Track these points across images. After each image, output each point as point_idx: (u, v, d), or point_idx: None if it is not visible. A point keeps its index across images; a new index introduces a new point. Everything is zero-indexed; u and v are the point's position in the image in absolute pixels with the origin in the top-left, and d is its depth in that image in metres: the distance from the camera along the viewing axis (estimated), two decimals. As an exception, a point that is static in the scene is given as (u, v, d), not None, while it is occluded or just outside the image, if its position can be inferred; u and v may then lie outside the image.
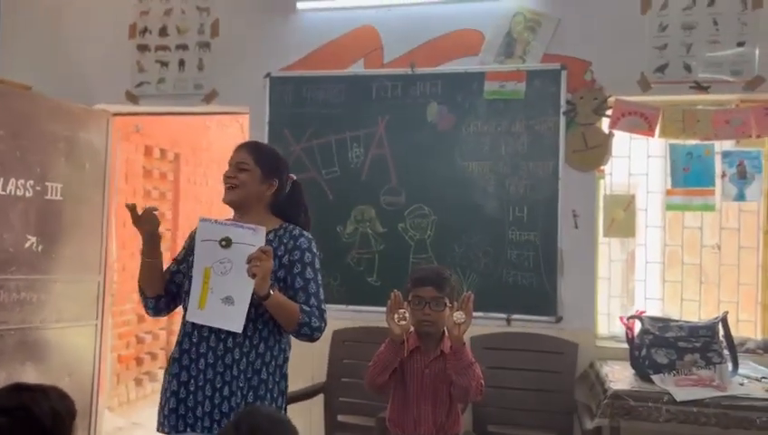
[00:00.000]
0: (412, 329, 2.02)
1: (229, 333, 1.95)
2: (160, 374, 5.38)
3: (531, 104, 3.24)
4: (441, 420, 2.05)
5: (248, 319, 1.95)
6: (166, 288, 2.09)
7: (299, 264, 2.02)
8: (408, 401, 2.06)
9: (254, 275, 1.85)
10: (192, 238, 2.10)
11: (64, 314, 3.55)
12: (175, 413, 1.97)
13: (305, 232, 2.09)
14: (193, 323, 1.99)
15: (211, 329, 1.97)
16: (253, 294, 1.89)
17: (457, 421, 2.09)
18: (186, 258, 2.11)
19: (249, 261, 1.86)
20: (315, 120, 3.49)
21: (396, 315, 1.94)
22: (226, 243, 1.94)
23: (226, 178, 2.05)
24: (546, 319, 3.19)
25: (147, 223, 1.99)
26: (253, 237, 1.93)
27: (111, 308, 4.34)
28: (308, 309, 1.96)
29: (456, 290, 2.11)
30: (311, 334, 1.97)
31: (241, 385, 1.95)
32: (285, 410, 2.08)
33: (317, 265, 2.06)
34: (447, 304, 2.04)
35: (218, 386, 1.95)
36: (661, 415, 2.46)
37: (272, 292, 1.89)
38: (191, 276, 2.01)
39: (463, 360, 1.94)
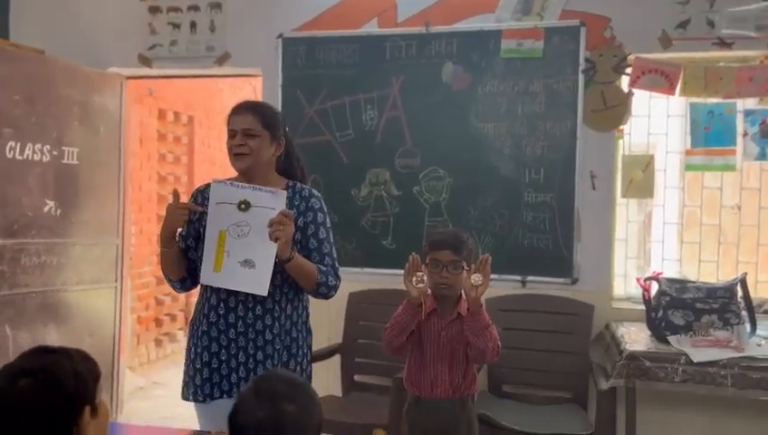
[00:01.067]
0: (429, 291, 2.02)
1: (256, 300, 1.96)
2: (180, 335, 5.50)
3: (549, 63, 3.17)
4: (457, 380, 2.06)
5: (274, 285, 1.96)
6: (187, 268, 2.08)
7: (312, 225, 2.04)
8: (425, 362, 2.07)
9: (276, 239, 1.85)
10: (194, 201, 2.07)
11: (84, 277, 3.61)
12: (209, 382, 2.00)
13: (314, 191, 2.10)
14: (218, 294, 1.99)
15: (238, 299, 1.97)
16: (275, 258, 1.89)
17: (473, 382, 2.11)
18: (189, 231, 2.07)
19: (271, 225, 1.86)
20: (328, 81, 3.45)
21: (414, 278, 1.94)
22: (245, 206, 1.93)
23: (236, 146, 1.98)
24: (562, 281, 3.18)
25: (178, 219, 1.96)
26: (273, 200, 1.92)
27: (130, 271, 4.41)
28: (324, 268, 2.00)
29: (473, 253, 2.10)
30: (327, 292, 2.01)
31: (277, 347, 2.00)
32: (311, 363, 2.13)
33: (328, 224, 2.08)
34: (465, 267, 2.03)
35: (251, 352, 1.98)
36: (677, 376, 2.46)
37: (293, 255, 1.91)
38: (202, 241, 2.00)
39: (480, 322, 1.95)
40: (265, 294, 1.93)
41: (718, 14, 3.03)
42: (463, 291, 2.01)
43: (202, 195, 2.09)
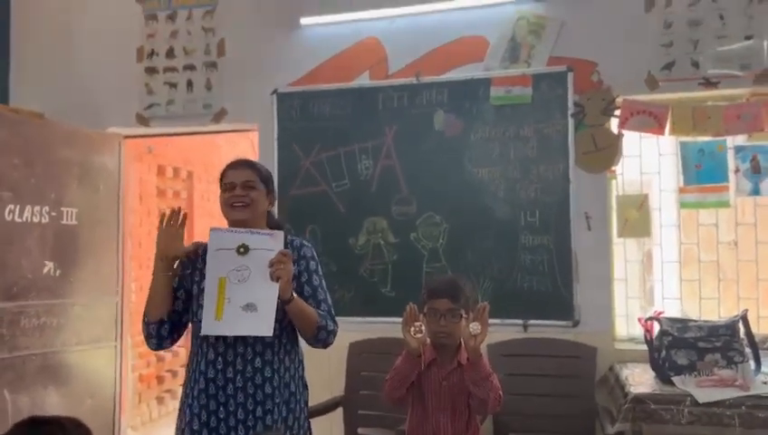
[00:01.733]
0: (428, 341, 2.01)
1: (255, 352, 1.95)
2: (181, 392, 5.42)
3: (538, 108, 3.22)
4: (460, 431, 2.04)
5: (273, 335, 1.94)
6: (169, 313, 2.05)
7: (305, 273, 2.06)
8: (427, 413, 2.05)
9: (277, 279, 1.87)
10: (182, 263, 2.08)
11: (84, 337, 3.59)
12: None
13: (304, 241, 2.14)
14: (215, 348, 1.97)
15: (236, 352, 1.96)
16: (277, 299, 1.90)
17: (476, 433, 2.08)
18: (181, 283, 2.08)
19: (271, 265, 1.89)
20: (323, 133, 3.50)
21: (412, 328, 1.94)
22: (245, 250, 1.94)
23: (237, 197, 2.02)
24: (563, 323, 3.16)
25: (173, 239, 1.99)
26: (271, 242, 1.94)
27: (131, 328, 4.38)
28: (323, 313, 2.01)
29: (471, 300, 2.10)
30: (326, 338, 2.00)
31: (277, 401, 1.97)
32: (308, 419, 2.11)
33: (320, 272, 2.11)
34: (463, 314, 2.03)
35: (251, 408, 1.95)
36: (683, 417, 2.42)
37: (294, 296, 1.92)
38: (200, 292, 1.99)
39: (480, 372, 1.93)
40: (270, 334, 1.91)
41: (702, 54, 3.10)
42: (462, 340, 2.00)
43: (203, 248, 2.10)
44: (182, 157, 5.50)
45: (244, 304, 1.91)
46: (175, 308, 2.06)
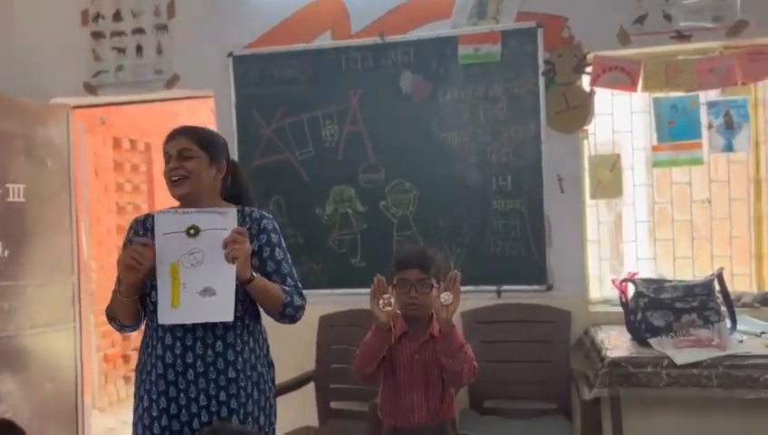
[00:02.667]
0: (399, 313, 1.90)
1: (215, 336, 1.84)
2: (135, 376, 5.28)
3: (508, 66, 3.10)
4: (435, 406, 1.95)
5: (235, 316, 1.83)
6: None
7: (267, 247, 1.91)
8: (399, 389, 1.95)
9: (233, 260, 1.74)
10: (127, 244, 1.92)
11: (39, 320, 3.41)
12: (168, 430, 1.84)
13: (264, 212, 1.98)
14: (172, 333, 1.84)
15: (195, 336, 1.83)
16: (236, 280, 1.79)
17: (451, 406, 1.99)
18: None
19: (226, 245, 1.75)
20: (284, 98, 3.33)
21: (380, 301, 1.82)
22: (195, 231, 1.80)
23: (171, 170, 1.85)
24: (537, 288, 3.10)
25: (132, 275, 1.78)
26: (222, 220, 1.80)
27: (92, 308, 4.22)
28: (288, 289, 1.88)
29: (442, 269, 1.99)
30: (294, 314, 1.89)
31: (242, 384, 1.86)
32: (275, 398, 2.00)
33: (283, 244, 1.96)
34: (434, 284, 1.93)
35: (213, 393, 1.84)
36: (661, 380, 2.38)
37: (254, 275, 1.80)
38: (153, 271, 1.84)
39: (453, 343, 1.84)
40: (231, 319, 1.80)
41: (675, 6, 3.00)
42: (434, 311, 1.90)
43: (143, 225, 1.94)
44: (138, 127, 5.26)
45: (200, 290, 1.79)
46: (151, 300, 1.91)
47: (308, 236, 3.31)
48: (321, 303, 3.19)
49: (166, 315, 1.80)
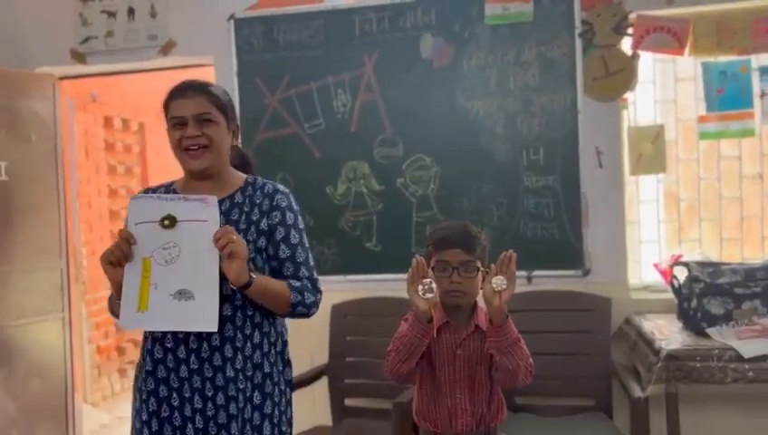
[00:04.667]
0: (437, 301, 1.60)
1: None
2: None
3: (540, 27, 2.81)
4: (481, 410, 1.67)
5: (233, 306, 1.56)
6: None
7: (281, 227, 1.63)
8: (440, 389, 1.67)
9: (231, 257, 1.46)
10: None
11: (26, 309, 3.15)
12: None
13: (279, 186, 1.69)
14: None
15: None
16: (224, 282, 1.51)
17: (501, 410, 1.71)
18: None
19: (217, 240, 1.47)
20: (292, 65, 3.03)
21: (420, 287, 1.52)
22: (170, 222, 1.51)
23: (191, 139, 1.56)
24: (572, 273, 2.82)
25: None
26: (204, 210, 1.51)
27: (84, 297, 3.94)
28: (298, 284, 1.61)
29: (486, 250, 1.71)
30: (307, 312, 1.63)
31: (241, 387, 1.58)
32: (291, 400, 1.72)
33: (301, 225, 1.68)
34: (479, 267, 1.64)
35: (209, 395, 1.57)
36: (727, 375, 2.12)
37: (253, 276, 1.51)
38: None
39: (508, 337, 1.55)
40: (215, 329, 1.52)
41: (726, -41, 2.70)
42: (481, 299, 1.61)
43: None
44: (131, 105, 4.94)
45: (175, 291, 1.51)
46: None
47: (318, 217, 3.02)
48: (334, 290, 2.92)
49: (129, 320, 1.53)
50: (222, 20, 3.07)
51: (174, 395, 1.58)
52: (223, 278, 1.51)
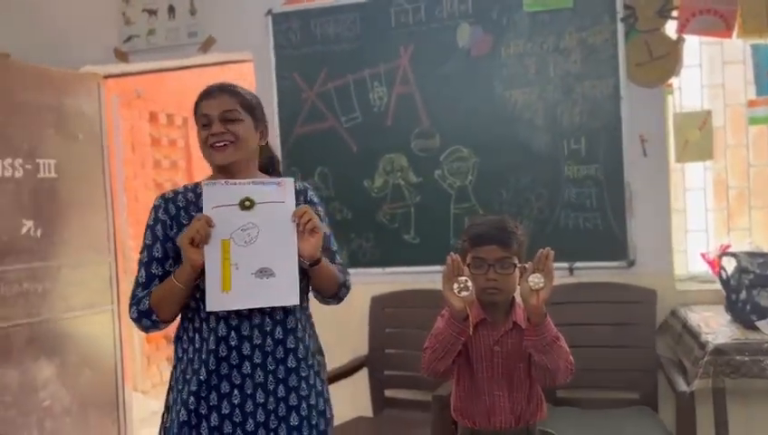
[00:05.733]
0: (474, 298, 1.59)
1: (275, 321, 1.61)
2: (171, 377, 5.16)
3: (581, 13, 2.74)
4: (520, 407, 1.65)
5: (274, 320, 1.62)
6: None
7: None
8: (478, 386, 1.66)
9: (313, 233, 1.55)
10: (157, 225, 1.66)
11: (75, 302, 3.24)
12: (218, 431, 1.60)
13: (306, 184, 1.79)
14: (227, 322, 1.59)
15: (252, 324, 1.60)
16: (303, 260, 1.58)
17: (540, 407, 1.69)
18: (166, 252, 1.64)
19: (300, 217, 1.55)
20: (328, 59, 3.04)
21: (456, 285, 1.52)
22: (250, 203, 1.57)
23: (216, 136, 1.60)
24: (616, 264, 2.76)
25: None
26: (280, 192, 1.59)
27: (130, 289, 4.04)
28: (340, 267, 1.74)
29: (524, 246, 1.68)
30: (345, 294, 1.75)
31: (304, 374, 1.64)
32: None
33: (328, 219, 1.81)
34: (516, 264, 1.62)
35: (271, 388, 1.61)
36: (778, 371, 2.04)
37: (320, 254, 1.60)
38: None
39: (546, 335, 1.53)
40: (297, 302, 1.59)
41: (778, -64, 2.58)
42: (518, 297, 1.59)
43: (173, 203, 1.67)
44: (175, 101, 5.03)
45: (256, 270, 1.56)
46: None
47: (356, 210, 3.03)
48: (373, 282, 2.96)
49: (215, 301, 1.55)
50: (259, 15, 3.09)
51: (235, 392, 1.60)
52: None
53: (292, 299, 1.57)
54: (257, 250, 1.56)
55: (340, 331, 2.72)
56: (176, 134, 5.18)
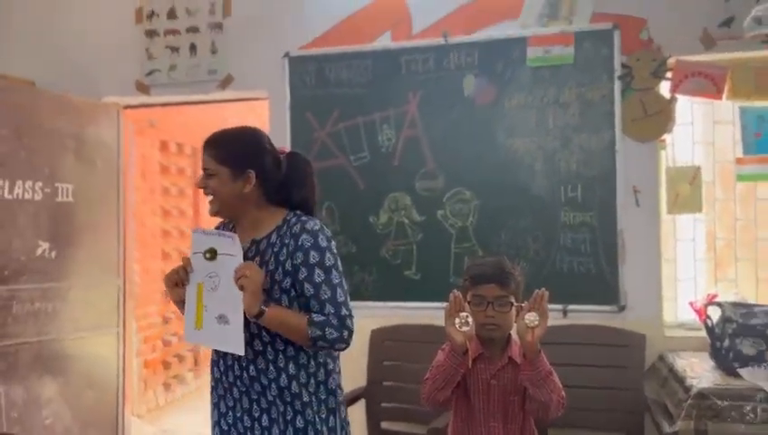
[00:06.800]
0: (473, 334, 1.71)
1: (248, 359, 1.72)
2: (189, 377, 5.21)
3: (581, 70, 2.91)
4: (514, 439, 1.76)
5: (262, 341, 1.70)
6: None
7: (303, 268, 1.67)
8: (474, 418, 1.76)
9: (241, 288, 1.62)
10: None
11: (83, 323, 3.33)
12: None
13: (308, 225, 1.70)
14: (216, 351, 1.80)
15: (233, 356, 1.73)
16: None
17: (532, 439, 1.80)
18: None
19: (236, 274, 1.64)
20: (340, 101, 3.19)
21: (457, 320, 1.64)
22: (211, 255, 1.70)
23: (203, 189, 1.77)
24: (608, 308, 2.88)
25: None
26: (232, 246, 1.69)
27: (134, 311, 4.13)
28: (321, 319, 1.64)
29: (521, 285, 1.80)
30: (332, 346, 1.68)
31: (281, 410, 1.70)
32: (346, 425, 1.83)
33: (328, 262, 1.68)
34: (513, 302, 1.74)
35: (256, 416, 1.73)
36: (757, 416, 2.15)
37: (265, 308, 1.62)
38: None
39: (540, 371, 1.65)
40: (242, 353, 1.67)
41: (765, 8, 2.76)
42: (514, 333, 1.71)
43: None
44: (186, 131, 5.19)
45: (217, 315, 1.70)
46: None
47: (361, 245, 3.16)
48: (373, 316, 3.06)
49: (190, 335, 1.78)
50: (277, 57, 3.26)
51: (229, 413, 1.77)
52: None
53: (239, 349, 1.65)
54: (218, 297, 1.70)
55: (340, 362, 2.81)
56: (184, 163, 5.32)
